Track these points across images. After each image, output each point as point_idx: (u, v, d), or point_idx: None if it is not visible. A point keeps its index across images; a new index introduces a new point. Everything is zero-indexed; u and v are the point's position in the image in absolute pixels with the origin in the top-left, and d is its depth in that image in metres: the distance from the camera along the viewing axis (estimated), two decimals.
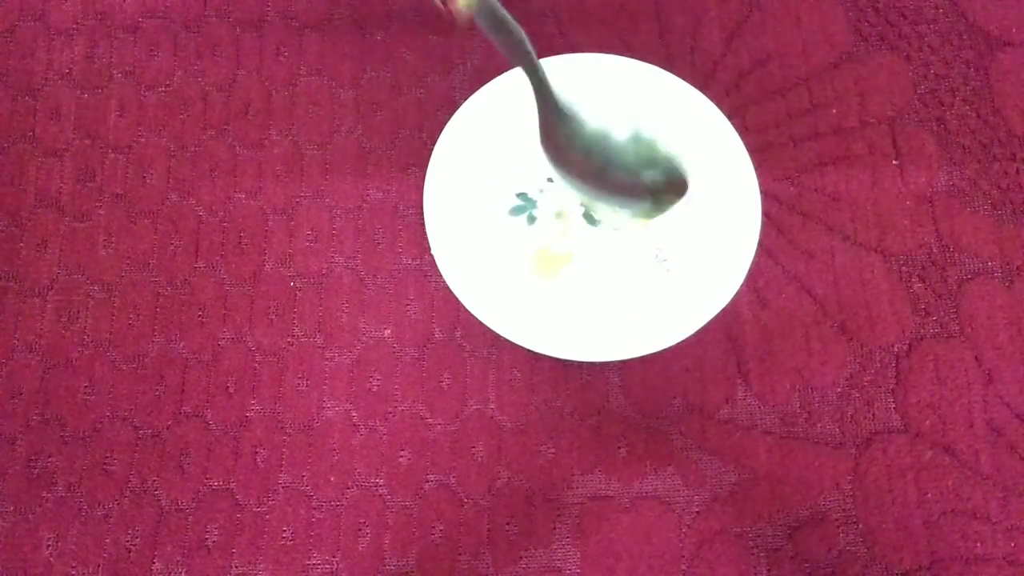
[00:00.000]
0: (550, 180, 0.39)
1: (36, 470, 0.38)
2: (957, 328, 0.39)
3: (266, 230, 0.41)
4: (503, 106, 0.40)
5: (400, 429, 0.38)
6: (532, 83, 0.34)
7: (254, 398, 0.39)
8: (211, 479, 0.38)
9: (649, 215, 0.38)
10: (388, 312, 0.40)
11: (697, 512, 0.37)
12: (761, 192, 0.38)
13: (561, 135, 0.36)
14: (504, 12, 0.30)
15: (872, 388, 0.38)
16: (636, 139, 0.36)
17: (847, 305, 0.39)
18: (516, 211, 0.40)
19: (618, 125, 0.36)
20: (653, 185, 0.37)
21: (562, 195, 0.40)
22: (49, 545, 0.37)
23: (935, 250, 0.40)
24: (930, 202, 0.41)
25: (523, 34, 0.31)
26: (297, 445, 0.38)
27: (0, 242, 0.41)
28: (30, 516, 0.37)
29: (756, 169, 0.38)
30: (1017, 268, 0.39)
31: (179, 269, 0.41)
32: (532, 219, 0.40)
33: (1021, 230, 0.40)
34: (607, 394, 0.39)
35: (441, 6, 0.29)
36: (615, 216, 0.39)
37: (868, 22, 0.43)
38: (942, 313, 0.39)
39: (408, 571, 0.36)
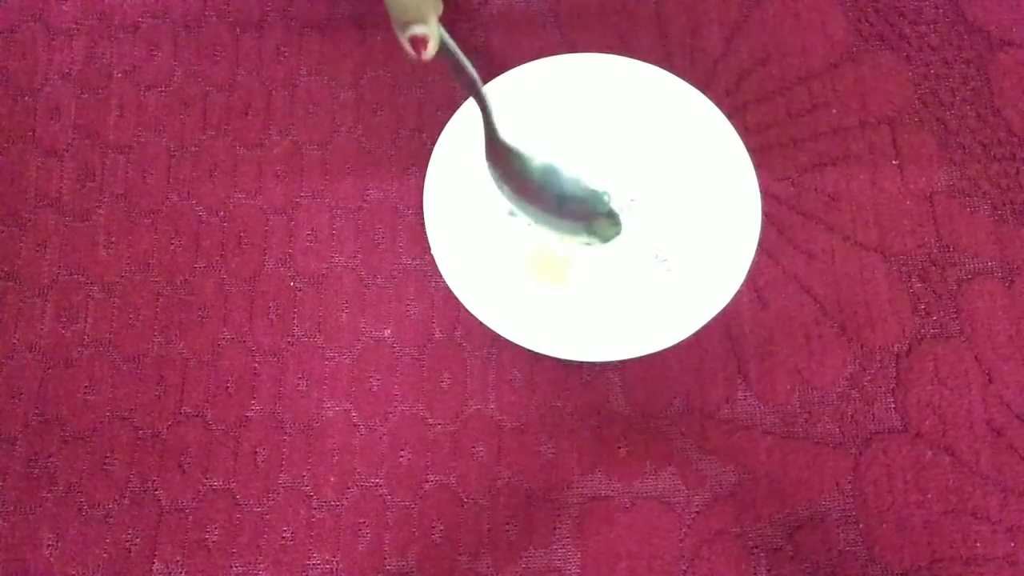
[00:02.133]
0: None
1: (36, 470, 0.38)
2: (957, 328, 0.39)
3: (266, 230, 0.41)
4: (503, 107, 0.40)
5: (400, 429, 0.38)
6: (482, 118, 0.36)
7: (254, 398, 0.39)
8: (211, 479, 0.38)
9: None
10: (388, 312, 0.40)
11: (697, 512, 0.37)
12: (761, 192, 0.38)
13: (505, 165, 0.37)
14: (461, 57, 0.33)
15: (872, 388, 0.38)
16: (579, 175, 0.38)
17: (847, 305, 0.39)
18: (516, 211, 0.40)
19: (562, 161, 0.38)
20: (605, 215, 0.39)
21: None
22: (49, 545, 0.37)
23: (935, 250, 0.40)
24: (930, 202, 0.41)
25: (476, 76, 0.34)
26: (297, 445, 0.38)
27: (0, 242, 0.41)
28: (30, 516, 0.38)
29: (756, 169, 0.38)
30: (1017, 268, 0.39)
31: (179, 269, 0.41)
32: None
33: (1021, 230, 0.40)
34: (607, 394, 0.39)
35: (410, 50, 0.32)
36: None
37: (868, 22, 0.43)
38: (942, 313, 0.39)
39: (408, 571, 0.36)
